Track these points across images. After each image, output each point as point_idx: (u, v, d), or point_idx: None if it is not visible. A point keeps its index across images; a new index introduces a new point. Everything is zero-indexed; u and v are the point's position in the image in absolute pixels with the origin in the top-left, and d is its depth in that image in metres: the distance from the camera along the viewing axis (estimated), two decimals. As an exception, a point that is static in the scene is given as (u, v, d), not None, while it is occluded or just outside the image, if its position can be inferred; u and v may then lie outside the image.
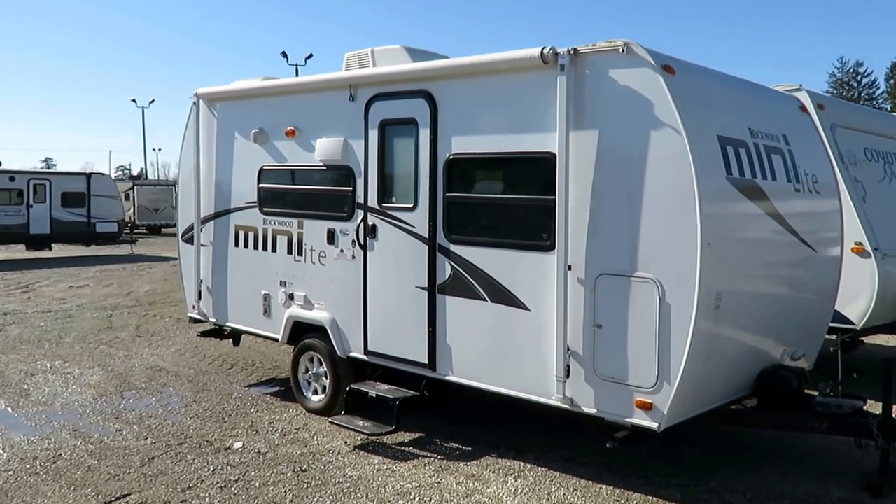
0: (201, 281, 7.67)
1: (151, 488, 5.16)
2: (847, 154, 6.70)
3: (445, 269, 5.66)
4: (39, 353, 9.36)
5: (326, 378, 6.70)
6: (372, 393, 6.14)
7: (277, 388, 7.74)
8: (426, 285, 5.77)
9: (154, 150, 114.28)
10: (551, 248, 5.00)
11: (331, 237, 6.47)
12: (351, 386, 6.32)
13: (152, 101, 72.63)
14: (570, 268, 4.91)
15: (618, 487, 5.24)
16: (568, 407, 5.01)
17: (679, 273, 4.47)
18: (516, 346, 5.30)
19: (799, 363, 5.68)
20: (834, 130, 6.59)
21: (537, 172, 5.13)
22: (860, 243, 6.64)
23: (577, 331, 4.93)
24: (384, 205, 6.06)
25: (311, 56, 39.14)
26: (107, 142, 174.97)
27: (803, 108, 6.16)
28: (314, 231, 6.63)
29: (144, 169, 68.59)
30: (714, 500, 5.08)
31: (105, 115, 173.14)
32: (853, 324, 6.97)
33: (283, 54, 36.98)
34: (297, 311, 6.81)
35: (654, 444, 5.28)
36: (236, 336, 8.01)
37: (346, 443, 6.06)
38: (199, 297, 7.69)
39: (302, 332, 6.86)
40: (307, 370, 6.90)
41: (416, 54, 6.41)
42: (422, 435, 6.23)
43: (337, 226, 6.41)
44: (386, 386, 6.23)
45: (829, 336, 6.41)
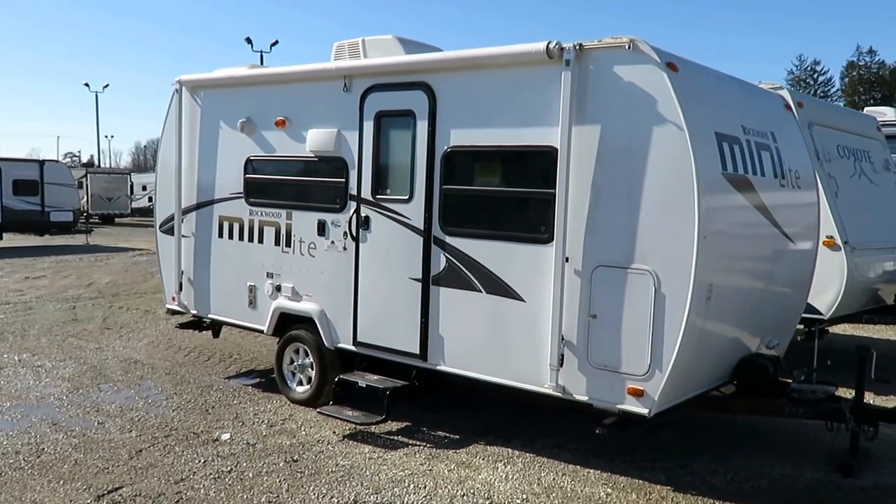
0: (182, 272, 7.55)
1: (143, 481, 5.12)
2: (822, 151, 6.94)
3: (440, 261, 5.71)
4: (4, 346, 9.09)
5: (312, 369, 6.70)
6: (361, 383, 6.17)
7: (258, 380, 7.70)
8: (420, 276, 5.81)
9: (106, 136, 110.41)
10: (549, 240, 5.09)
11: (321, 229, 6.45)
12: (340, 376, 6.34)
13: (106, 86, 69.81)
14: (567, 260, 5.01)
15: (605, 471, 5.40)
16: (560, 395, 5.13)
17: (675, 265, 4.61)
18: (510, 337, 5.38)
19: (773, 351, 5.93)
20: (811, 128, 6.80)
21: (538, 166, 5.20)
22: (832, 237, 6.89)
23: (571, 321, 5.04)
24: (378, 196, 6.07)
25: (276, 43, 37.77)
26: (55, 127, 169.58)
27: (787, 106, 6.36)
28: (303, 222, 6.60)
29: (98, 156, 66.26)
30: (697, 481, 5.29)
31: (54, 101, 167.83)
32: (821, 314, 7.26)
33: (248, 40, 35.79)
34: (284, 302, 6.79)
35: (637, 430, 5.44)
36: (216, 328, 7.94)
37: (334, 432, 6.09)
38: (180, 289, 7.56)
39: (288, 324, 6.83)
40: (292, 361, 6.88)
41: (408, 45, 6.42)
42: (409, 424, 6.29)
43: (328, 217, 6.40)
44: (375, 376, 6.26)
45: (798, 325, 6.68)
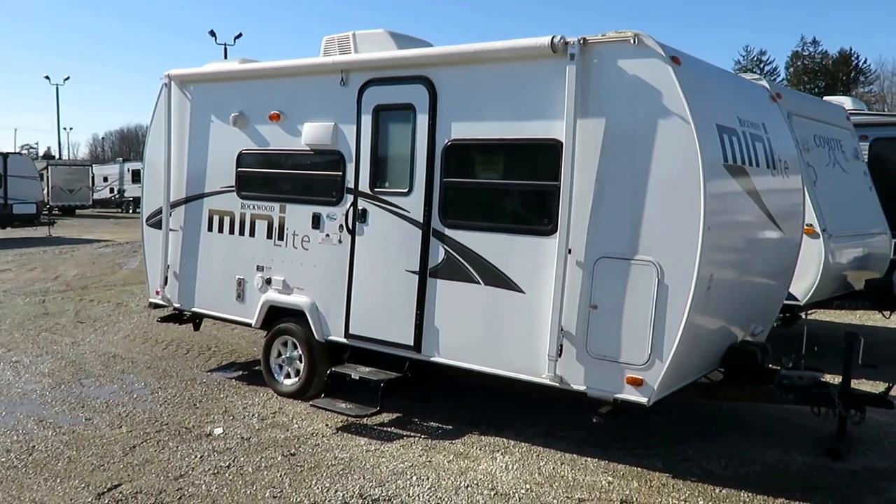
0: (168, 266, 7.43)
1: (142, 477, 5.05)
2: (801, 141, 7.11)
3: (439, 253, 5.72)
4: (-25, 341, 8.88)
5: (300, 362, 6.66)
6: (354, 375, 6.15)
7: (241, 373, 7.64)
8: (417, 269, 5.82)
9: (65, 128, 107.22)
10: (552, 232, 5.13)
11: (316, 222, 6.41)
12: (332, 369, 6.32)
13: (67, 79, 68.00)
14: (569, 251, 5.05)
15: (602, 459, 5.48)
16: (557, 385, 5.18)
17: (679, 256, 4.68)
18: (507, 327, 5.42)
19: (758, 338, 6.09)
20: (790, 118, 6.96)
21: (541, 159, 5.23)
22: (811, 225, 7.06)
23: (571, 312, 5.09)
24: (376, 189, 6.05)
25: (240, 35, 37.10)
26: (10, 119, 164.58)
27: (773, 98, 6.51)
28: (297, 215, 6.55)
29: (57, 148, 64.48)
30: (693, 467, 5.40)
31: (9, 92, 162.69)
32: (797, 300, 7.46)
33: (212, 33, 35.58)
34: (273, 295, 6.73)
35: (627, 417, 5.53)
36: (197, 321, 7.85)
37: (327, 425, 6.08)
38: (165, 283, 7.44)
39: (277, 317, 6.79)
40: (280, 354, 6.84)
41: (399, 39, 6.38)
42: (400, 415, 6.31)
43: (323, 210, 6.35)
44: (367, 368, 6.25)
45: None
